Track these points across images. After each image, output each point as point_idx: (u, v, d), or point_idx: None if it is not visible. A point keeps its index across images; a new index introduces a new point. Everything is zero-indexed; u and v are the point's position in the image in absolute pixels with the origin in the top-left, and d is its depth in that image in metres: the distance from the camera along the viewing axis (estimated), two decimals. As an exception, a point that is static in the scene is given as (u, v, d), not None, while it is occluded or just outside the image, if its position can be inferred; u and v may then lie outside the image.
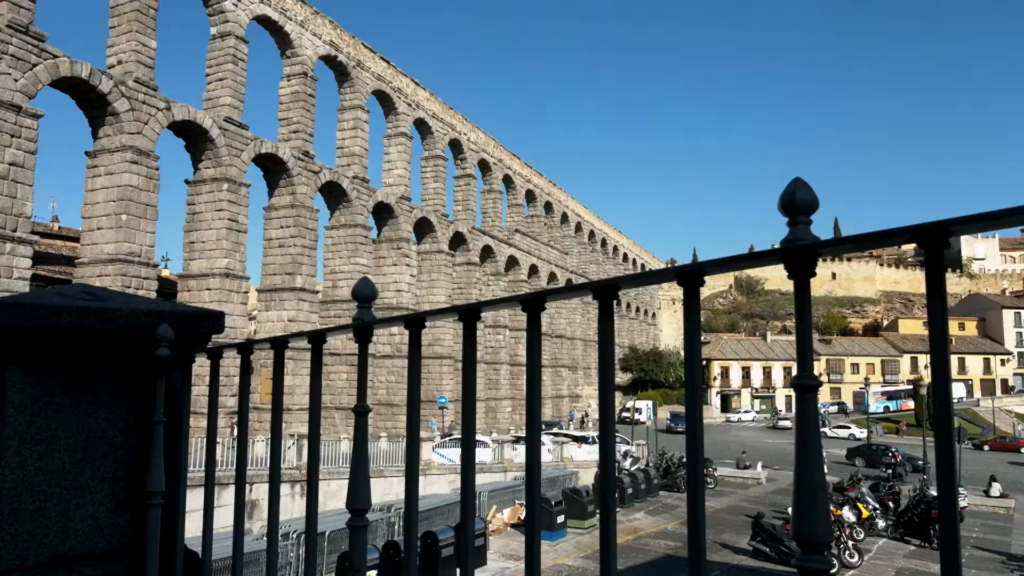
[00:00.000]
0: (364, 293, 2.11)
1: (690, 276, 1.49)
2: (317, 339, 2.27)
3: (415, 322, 2.00)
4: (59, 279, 47.57)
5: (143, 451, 3.08)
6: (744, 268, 1.45)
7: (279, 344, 2.41)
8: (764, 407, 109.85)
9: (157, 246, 39.03)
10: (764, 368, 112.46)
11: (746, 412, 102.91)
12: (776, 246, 1.38)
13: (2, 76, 29.91)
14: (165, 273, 54.37)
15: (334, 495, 28.56)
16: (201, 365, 3.46)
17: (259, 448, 30.77)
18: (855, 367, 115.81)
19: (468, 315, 1.89)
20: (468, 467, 1.87)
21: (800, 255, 1.33)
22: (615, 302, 1.68)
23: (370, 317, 2.10)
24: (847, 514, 26.91)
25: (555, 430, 58.40)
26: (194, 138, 40.36)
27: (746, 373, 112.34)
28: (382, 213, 55.91)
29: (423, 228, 60.85)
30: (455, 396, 62.36)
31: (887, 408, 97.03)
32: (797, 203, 1.34)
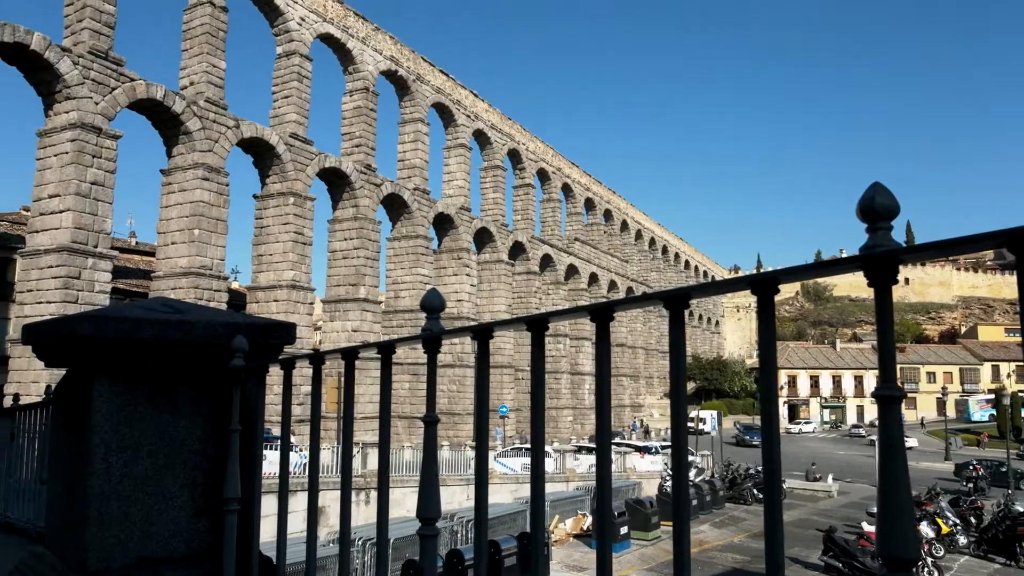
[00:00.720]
0: (432, 304, 2.14)
1: (764, 285, 1.46)
2: (387, 349, 2.31)
3: (483, 333, 2.02)
4: (136, 292, 49.65)
5: (220, 459, 3.18)
6: (822, 276, 1.42)
7: (350, 355, 2.46)
8: (834, 417, 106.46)
9: (227, 259, 40.46)
10: (834, 377, 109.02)
11: (807, 423, 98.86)
12: (843, 252, 1.34)
13: (84, 100, 31.49)
14: (235, 285, 56.17)
15: (397, 503, 28.90)
16: (271, 375, 3.56)
17: (324, 456, 31.37)
18: (931, 376, 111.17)
19: (536, 326, 1.89)
20: (537, 477, 1.87)
21: (881, 262, 1.29)
22: (686, 310, 1.66)
23: (438, 328, 2.13)
24: (925, 530, 25.81)
25: (617, 440, 57.85)
26: (262, 154, 41.64)
27: (814, 382, 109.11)
28: (443, 224, 56.55)
29: (483, 238, 61.27)
30: (515, 405, 62.42)
31: (992, 416, 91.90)
32: (877, 208, 1.30)
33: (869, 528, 26.19)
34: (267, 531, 3.35)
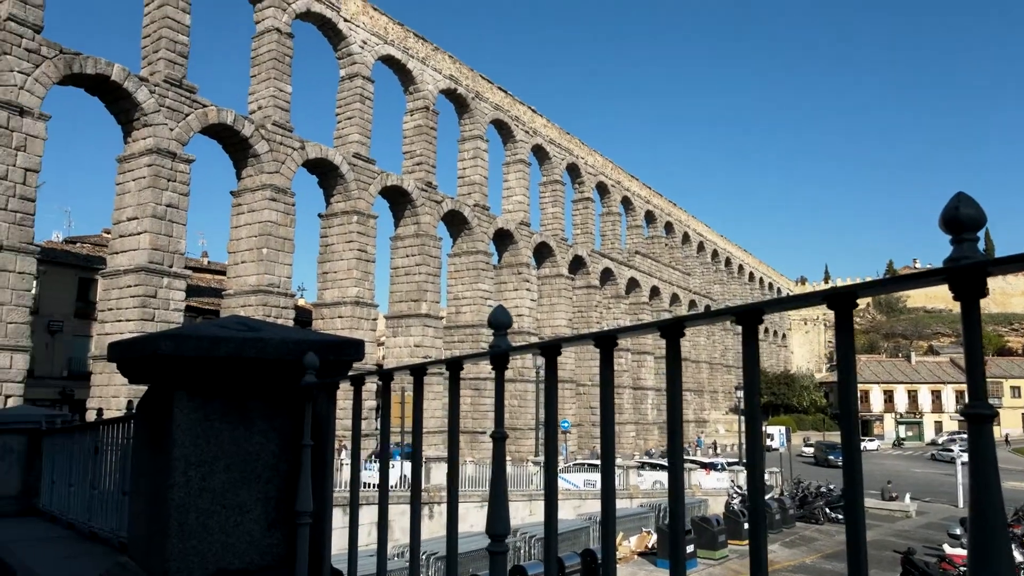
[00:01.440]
0: (500, 321, 2.15)
1: (842, 300, 1.43)
2: (454, 365, 2.33)
3: (551, 349, 2.02)
4: (208, 310, 51.44)
5: (292, 473, 3.26)
6: (903, 290, 1.37)
7: (418, 371, 2.49)
8: (911, 433, 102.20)
9: (294, 277, 41.57)
10: (909, 392, 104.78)
11: (870, 440, 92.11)
12: (917, 263, 1.30)
13: (160, 126, 32.94)
14: (301, 302, 57.63)
15: (460, 517, 28.94)
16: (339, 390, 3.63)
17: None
18: (1016, 390, 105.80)
19: (604, 342, 1.89)
20: (608, 497, 1.85)
21: (968, 275, 1.25)
22: (759, 325, 1.63)
23: (506, 344, 2.14)
24: (1014, 553, 24.46)
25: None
26: (326, 174, 42.74)
27: (888, 397, 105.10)
28: (502, 239, 56.88)
29: (543, 252, 61.35)
30: (577, 420, 62.02)
31: None
32: (962, 219, 1.26)
33: (951, 551, 24.99)
34: (335, 544, 3.41)
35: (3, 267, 27.22)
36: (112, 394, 31.28)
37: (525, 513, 32.17)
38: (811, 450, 74.28)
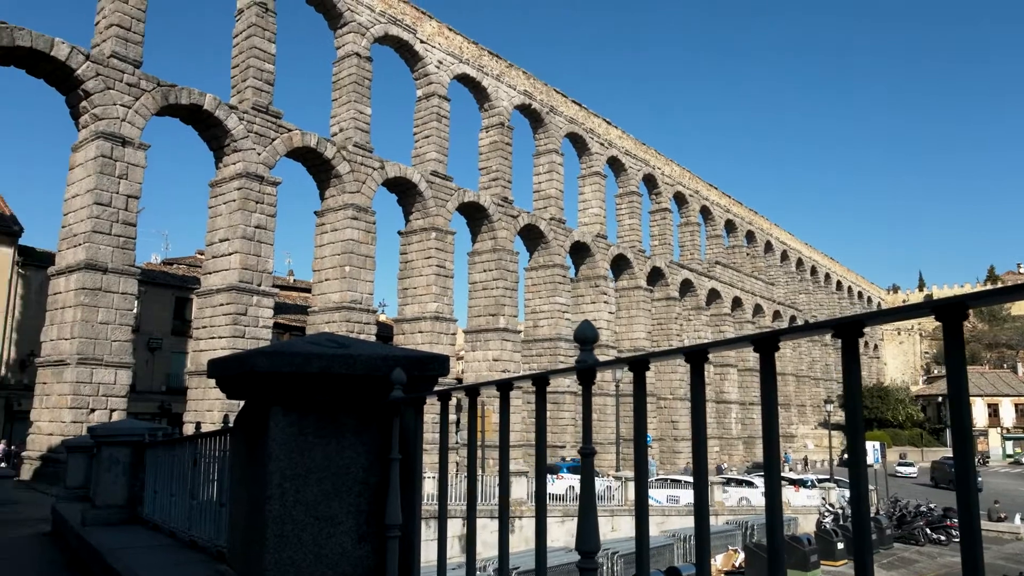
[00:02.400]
0: (586, 336, 2.14)
1: (951, 310, 1.36)
2: (541, 381, 2.34)
3: (639, 364, 2.00)
4: (295, 327, 53.19)
5: (382, 486, 3.32)
6: (1016, 300, 1.30)
7: (505, 387, 2.51)
8: (1019, 450, 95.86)
9: (375, 293, 42.45)
10: (1017, 405, 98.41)
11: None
12: (1023, 268, 1.21)
13: (248, 151, 34.43)
14: (382, 318, 58.92)
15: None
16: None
17: (464, 485, 31.96)
18: None
19: (695, 357, 1.85)
20: (702, 512, 1.81)
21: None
22: (859, 339, 1.56)
23: (592, 359, 2.13)
24: None
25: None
26: (405, 192, 43.68)
27: (993, 411, 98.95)
28: (579, 252, 56.72)
29: (620, 265, 60.82)
30: (658, 435, 60.99)
31: None
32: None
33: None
34: (424, 557, 3.45)
35: (108, 288, 28.90)
36: (207, 408, 32.69)
37: (607, 529, 31.78)
38: (910, 469, 70.59)
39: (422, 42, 44.71)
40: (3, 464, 33.59)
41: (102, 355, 28.50)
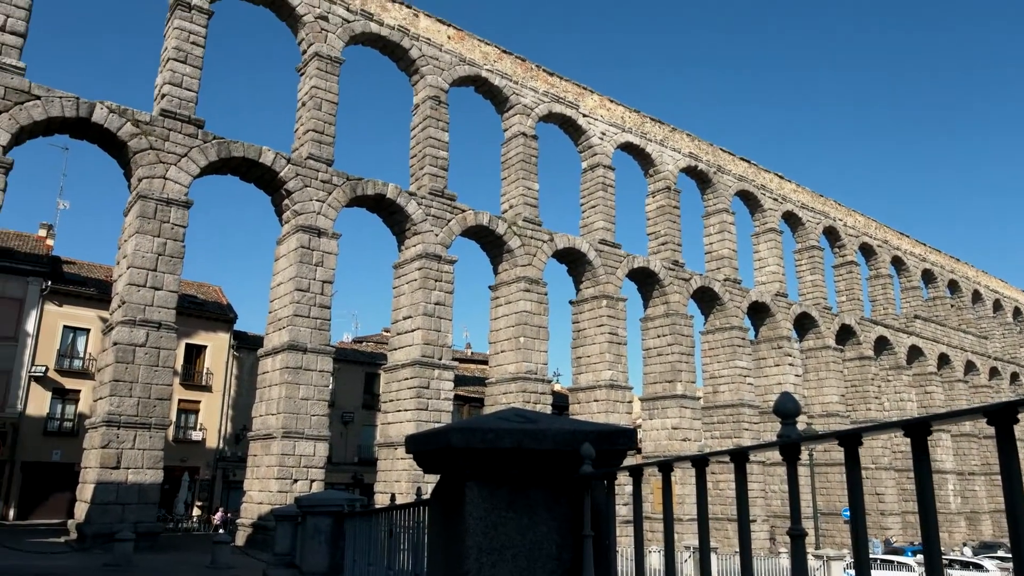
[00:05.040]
0: (787, 409, 2.04)
1: None
2: (740, 457, 2.24)
3: (851, 439, 1.87)
4: (474, 398, 54.76)
5: (575, 563, 3.29)
6: None
7: (700, 462, 2.43)
8: None
9: (549, 363, 42.95)
10: None
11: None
12: None
13: (427, 233, 36.65)
14: (557, 387, 59.22)
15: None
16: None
17: (653, 559, 30.69)
18: None
19: (916, 430, 1.71)
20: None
21: None
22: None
23: (796, 434, 2.02)
24: None
25: (1000, 553, 48.10)
26: (574, 262, 44.30)
27: None
28: (758, 312, 54.28)
29: (804, 324, 57.37)
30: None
31: None
32: None
33: None
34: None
35: (307, 367, 31.47)
36: (395, 479, 34.17)
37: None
38: None
39: (584, 116, 45.94)
40: (221, 531, 36.82)
41: (303, 429, 30.82)
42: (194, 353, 48.07)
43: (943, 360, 70.15)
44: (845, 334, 60.35)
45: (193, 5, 31.70)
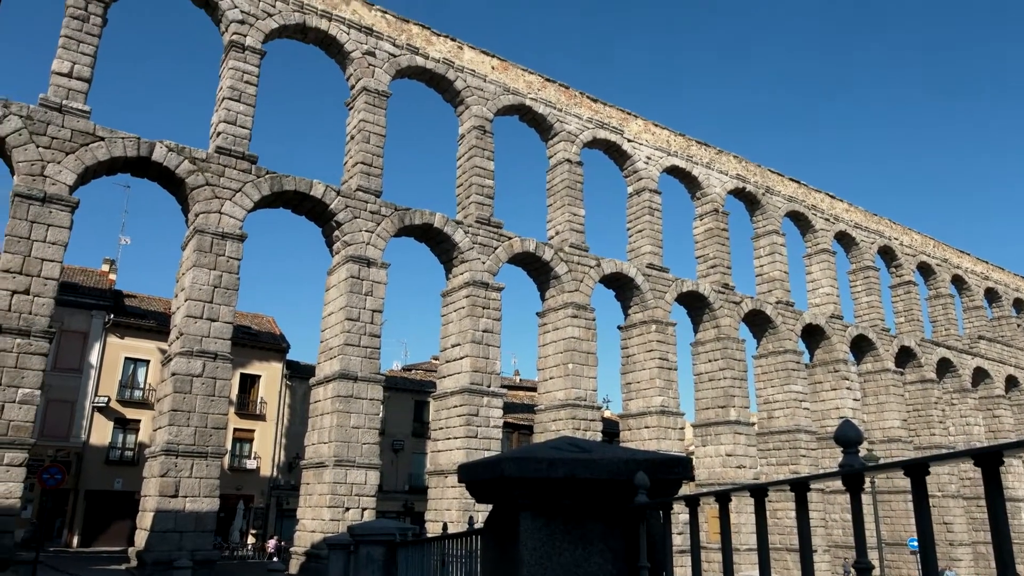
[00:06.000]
0: (849, 437, 1.99)
1: None
2: (800, 487, 2.19)
3: (917, 469, 1.81)
4: (523, 425, 54.52)
5: (631, 596, 3.24)
6: None
7: (759, 492, 2.38)
8: None
9: (599, 389, 42.52)
10: None
11: None
12: None
13: (474, 261, 36.92)
14: (607, 414, 58.60)
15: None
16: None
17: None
18: None
19: (988, 460, 1.65)
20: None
21: None
22: None
23: (859, 463, 1.97)
24: None
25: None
26: (622, 287, 44.02)
27: None
28: (812, 335, 53.00)
29: (861, 346, 55.77)
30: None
31: None
32: None
33: None
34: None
35: (358, 395, 31.80)
36: (445, 507, 34.12)
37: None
38: None
39: (629, 141, 45.93)
40: (276, 559, 37.18)
41: (354, 457, 31.07)
42: (248, 383, 49.06)
43: (1011, 382, 67.30)
44: (905, 356, 58.46)
45: (247, 46, 32.86)
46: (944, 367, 61.39)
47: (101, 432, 43.48)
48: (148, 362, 45.24)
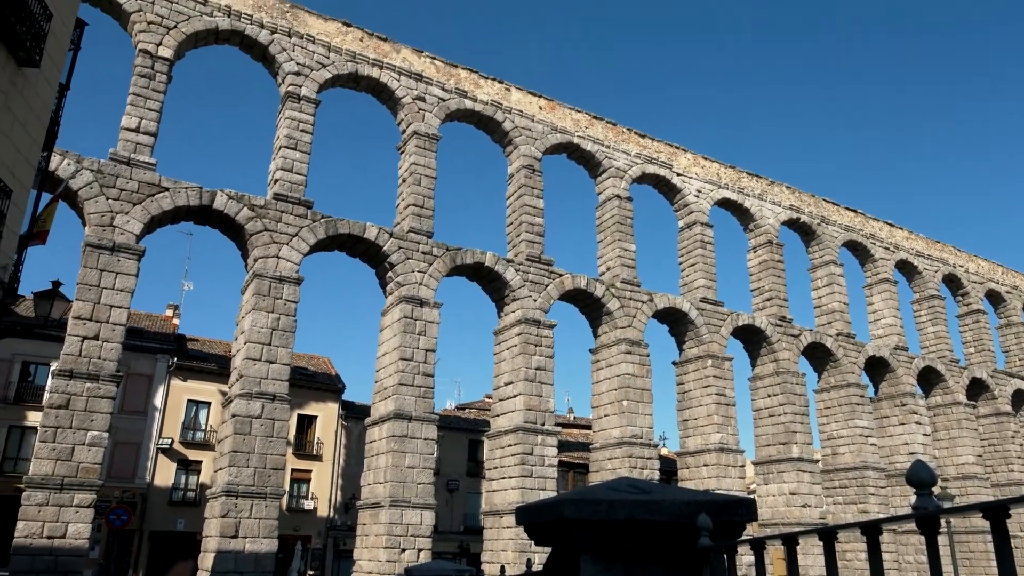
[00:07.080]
0: (922, 477, 1.93)
1: None
2: (872, 530, 2.12)
3: (997, 511, 1.74)
4: (578, 464, 53.79)
5: (697, 643, 3.14)
6: None
7: (828, 535, 2.30)
8: None
9: (655, 426, 41.67)
10: None
11: None
12: None
13: (525, 299, 36.98)
14: (664, 452, 57.42)
15: None
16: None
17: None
18: None
19: (1074, 502, 1.57)
20: None
21: None
22: None
23: (934, 506, 1.89)
24: None
25: None
26: (676, 322, 43.45)
27: None
28: (876, 368, 51.27)
29: (930, 379, 53.69)
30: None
31: None
32: None
33: None
34: None
35: (413, 435, 31.90)
36: (501, 548, 33.72)
37: None
38: None
39: (679, 175, 45.75)
40: (333, 601, 37.16)
41: (410, 497, 31.05)
42: (305, 423, 49.71)
43: (1094, 415, 63.66)
44: (977, 388, 55.99)
45: (302, 96, 34.05)
46: (1020, 399, 58.55)
47: (165, 473, 44.49)
48: (209, 404, 46.32)
